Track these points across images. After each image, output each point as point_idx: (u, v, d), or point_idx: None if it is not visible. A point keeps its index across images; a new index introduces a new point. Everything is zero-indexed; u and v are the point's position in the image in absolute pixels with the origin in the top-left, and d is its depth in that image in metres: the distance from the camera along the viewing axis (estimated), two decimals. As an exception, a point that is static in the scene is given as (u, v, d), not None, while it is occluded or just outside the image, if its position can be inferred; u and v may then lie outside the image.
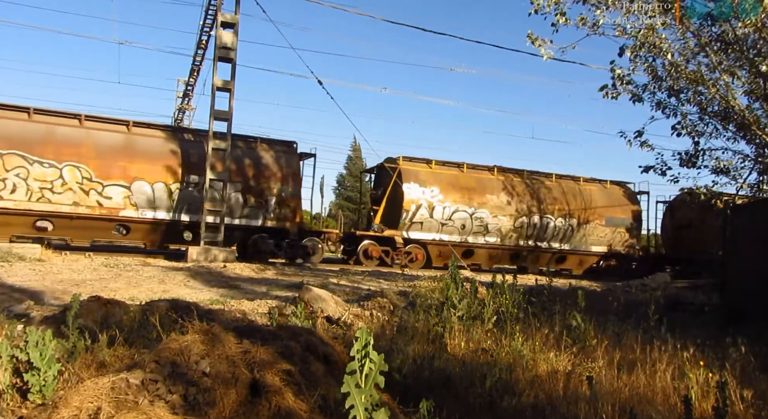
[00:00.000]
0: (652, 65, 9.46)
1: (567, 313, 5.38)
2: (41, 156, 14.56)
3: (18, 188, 14.31)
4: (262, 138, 18.09)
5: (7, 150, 14.27)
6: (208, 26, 20.15)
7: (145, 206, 15.58)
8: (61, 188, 14.68)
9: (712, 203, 11.17)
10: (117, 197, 15.32)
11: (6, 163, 14.24)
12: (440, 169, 19.55)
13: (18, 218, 14.48)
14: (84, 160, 14.93)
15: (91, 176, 14.98)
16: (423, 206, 18.56)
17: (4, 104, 15.08)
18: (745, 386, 3.84)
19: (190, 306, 5.29)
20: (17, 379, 2.90)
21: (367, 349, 1.94)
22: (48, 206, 14.59)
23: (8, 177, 14.23)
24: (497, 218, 19.47)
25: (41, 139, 14.72)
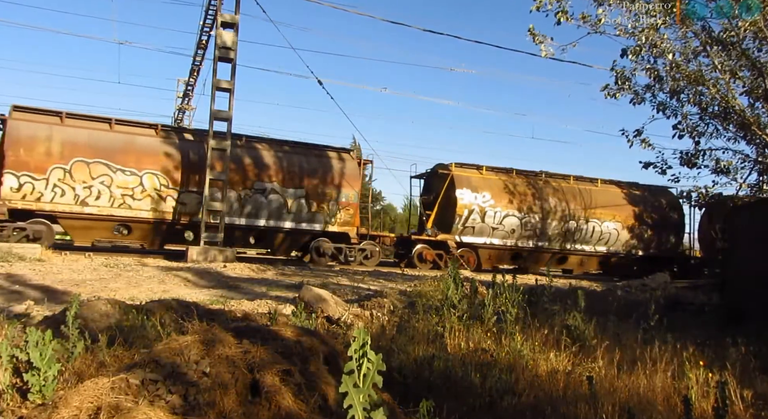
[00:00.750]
0: (654, 66, 9.47)
1: (567, 313, 5.38)
2: (123, 165, 15.43)
3: (102, 195, 15.20)
4: (323, 145, 18.88)
5: (93, 159, 15.11)
6: (208, 26, 20.15)
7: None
8: (141, 195, 15.59)
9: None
10: (191, 204, 16.14)
11: (92, 171, 15.10)
12: (490, 175, 20.11)
13: (101, 223, 15.42)
14: (163, 168, 15.82)
15: (168, 183, 15.85)
16: (475, 211, 19.21)
17: (88, 115, 16.03)
18: (745, 386, 3.84)
19: (190, 306, 5.30)
20: (17, 379, 2.90)
21: (365, 349, 1.94)
22: (128, 212, 15.52)
23: (93, 184, 15.12)
24: (546, 223, 20.01)
25: (122, 148, 15.59)
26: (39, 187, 14.57)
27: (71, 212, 14.97)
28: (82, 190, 15.02)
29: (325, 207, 17.66)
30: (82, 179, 15.03)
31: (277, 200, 16.99)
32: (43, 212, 14.63)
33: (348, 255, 17.81)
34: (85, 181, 15.04)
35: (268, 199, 16.85)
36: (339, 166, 18.24)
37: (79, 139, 15.23)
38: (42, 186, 14.59)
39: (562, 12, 8.60)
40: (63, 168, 14.82)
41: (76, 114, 15.84)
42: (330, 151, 18.71)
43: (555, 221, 20.09)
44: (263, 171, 16.99)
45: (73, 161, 14.93)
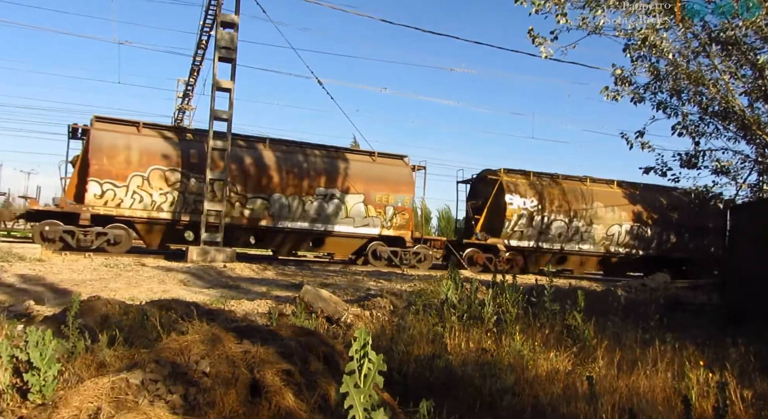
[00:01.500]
0: (654, 65, 9.46)
1: (567, 313, 5.38)
2: (197, 172, 16.09)
3: (176, 201, 15.94)
4: (379, 152, 19.26)
5: (168, 167, 15.88)
6: (208, 26, 20.11)
7: (282, 215, 17.09)
8: (213, 200, 16.13)
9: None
10: (258, 209, 16.78)
11: (168, 178, 15.79)
12: (537, 180, 20.54)
13: (174, 229, 16.23)
14: (232, 174, 16.39)
15: (237, 189, 16.55)
16: (524, 216, 19.69)
17: (162, 125, 17.19)
18: (745, 386, 3.84)
19: (190, 306, 5.30)
20: (17, 379, 2.90)
21: (365, 349, 1.94)
22: (200, 218, 15.95)
23: (169, 191, 15.80)
24: (591, 227, 20.49)
25: (196, 157, 16.22)
26: (119, 194, 15.30)
27: (148, 217, 15.68)
28: (159, 196, 15.70)
29: (381, 212, 18.29)
30: (159, 186, 15.72)
31: (337, 205, 17.66)
32: (122, 218, 15.35)
33: (403, 258, 18.25)
34: (161, 188, 15.74)
35: (329, 204, 17.55)
36: (394, 171, 18.95)
37: (155, 148, 15.96)
38: (122, 193, 15.32)
39: (562, 15, 8.59)
40: (141, 176, 15.53)
41: (152, 124, 16.71)
42: (385, 157, 19.34)
43: (599, 225, 20.63)
44: (325, 177, 17.66)
45: (150, 169, 15.63)
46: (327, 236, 17.74)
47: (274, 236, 17.31)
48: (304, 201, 17.19)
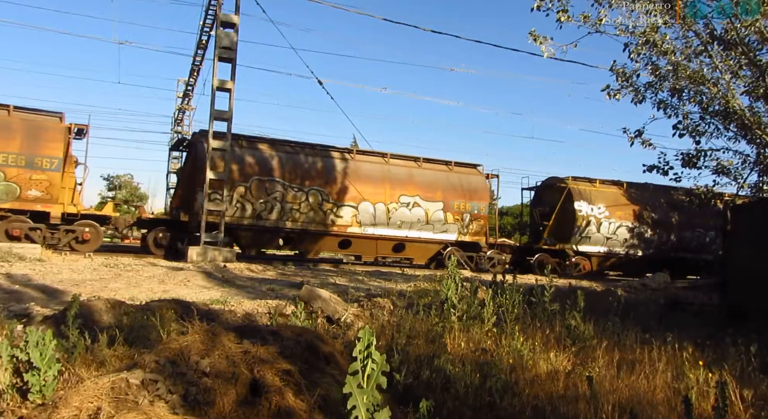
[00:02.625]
0: (655, 64, 9.46)
1: (567, 313, 5.38)
2: (293, 181, 17.28)
3: (275, 209, 17.08)
4: (455, 161, 20.20)
5: (268, 177, 16.97)
6: (208, 26, 20.13)
7: (368, 223, 18.01)
8: (306, 209, 17.36)
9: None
10: (347, 216, 17.73)
11: (267, 188, 16.95)
12: (603, 187, 21.26)
13: (270, 236, 17.36)
14: (323, 184, 17.53)
15: (328, 198, 17.52)
16: (592, 222, 20.52)
17: (257, 137, 18.24)
18: (744, 386, 3.84)
19: (190, 306, 5.30)
20: (17, 379, 2.89)
21: (369, 350, 1.94)
22: (295, 225, 17.27)
23: (268, 200, 16.87)
24: (653, 232, 21.31)
25: (291, 168, 17.45)
26: (225, 203, 16.21)
27: (248, 224, 16.74)
28: (259, 205, 16.75)
29: (459, 218, 19.19)
30: (259, 195, 16.74)
31: (419, 212, 18.63)
32: (226, 225, 16.20)
33: (479, 263, 19.11)
34: (261, 197, 16.75)
35: (411, 211, 18.52)
36: (470, 180, 19.91)
37: (256, 160, 17.09)
38: (228, 202, 16.31)
39: (563, 11, 8.59)
40: (245, 186, 16.61)
41: (249, 136, 17.97)
42: (461, 166, 20.25)
43: (662, 230, 21.32)
44: (407, 185, 18.68)
45: (253, 180, 16.71)
46: (408, 241, 18.74)
47: (360, 242, 18.29)
48: (389, 209, 18.21)
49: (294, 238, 17.55)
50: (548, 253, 20.07)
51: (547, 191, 21.62)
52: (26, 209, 14.61)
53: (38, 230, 14.70)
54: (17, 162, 14.44)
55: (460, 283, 5.52)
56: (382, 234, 18.23)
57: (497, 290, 5.92)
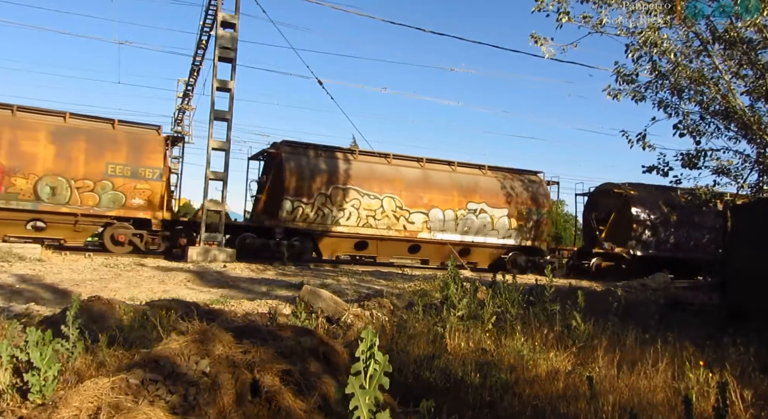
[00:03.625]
0: (656, 62, 9.45)
1: (567, 313, 5.38)
2: (369, 189, 17.99)
3: (351, 216, 17.81)
4: (516, 169, 21.05)
5: (346, 185, 17.78)
6: (208, 26, 20.12)
7: (438, 229, 18.76)
8: (381, 215, 18.13)
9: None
10: (418, 222, 18.47)
11: (346, 196, 17.70)
12: (659, 192, 21.58)
13: (346, 241, 18.13)
14: (397, 192, 18.29)
15: (402, 205, 18.23)
16: (647, 227, 21.06)
17: (336, 147, 19.04)
18: (744, 386, 3.83)
19: (190, 306, 5.30)
20: (17, 379, 2.89)
21: (372, 350, 1.93)
22: (370, 230, 18.10)
23: (346, 207, 17.73)
24: (703, 237, 21.70)
25: (367, 176, 18.26)
26: (306, 210, 17.31)
27: (326, 230, 17.69)
28: (338, 212, 17.62)
29: (522, 224, 19.94)
30: (338, 203, 17.59)
31: (485, 218, 19.38)
32: (305, 231, 17.37)
33: (541, 267, 19.30)
34: (340, 205, 17.62)
35: (477, 217, 19.33)
36: (531, 186, 20.62)
37: (334, 169, 17.91)
38: (309, 209, 17.33)
39: (564, 13, 8.60)
40: (324, 194, 17.49)
41: (329, 147, 18.79)
42: (524, 173, 21.00)
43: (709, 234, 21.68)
44: (474, 192, 19.45)
45: (332, 188, 17.56)
46: (474, 246, 19.53)
47: (429, 247, 19.01)
48: (457, 215, 19.01)
49: (368, 243, 18.39)
50: (604, 257, 20.59)
51: (603, 197, 22.13)
52: (130, 217, 15.67)
53: (141, 235, 15.70)
54: (123, 172, 15.55)
55: (460, 283, 5.52)
56: (450, 239, 18.94)
57: (497, 291, 5.92)
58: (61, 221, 15.20)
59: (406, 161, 19.33)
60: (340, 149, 19.08)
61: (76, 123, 15.66)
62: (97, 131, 15.74)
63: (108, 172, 15.36)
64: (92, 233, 16.19)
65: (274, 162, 17.86)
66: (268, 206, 17.71)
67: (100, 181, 15.27)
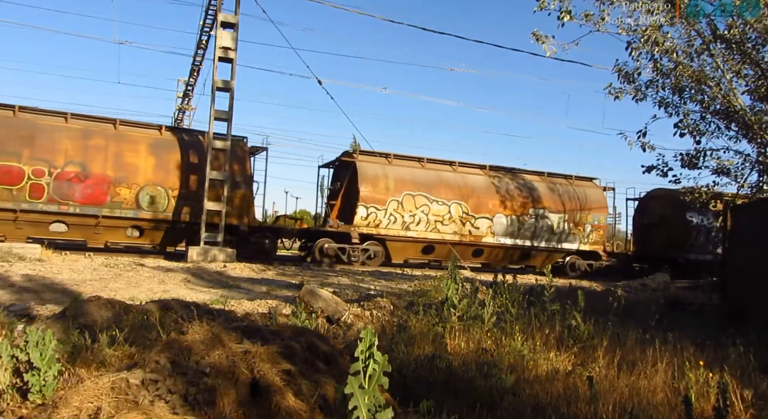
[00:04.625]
0: (657, 61, 9.44)
1: (567, 313, 5.38)
2: (438, 196, 18.74)
3: (421, 221, 18.57)
4: (575, 175, 21.61)
5: (417, 192, 18.54)
6: (208, 26, 20.15)
7: (501, 233, 19.56)
8: (448, 221, 18.85)
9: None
10: (482, 227, 19.21)
11: (416, 202, 18.41)
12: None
13: (414, 245, 18.89)
14: (463, 198, 19.00)
15: (468, 210, 19.00)
16: (702, 231, 21.36)
17: (407, 156, 19.63)
18: (745, 386, 3.83)
19: (190, 306, 5.30)
20: (17, 379, 2.89)
21: (371, 350, 1.94)
22: (438, 235, 18.79)
23: (416, 213, 18.46)
24: None
25: (435, 182, 19.00)
26: (380, 216, 18.12)
27: (398, 235, 18.46)
28: (408, 217, 18.38)
29: (581, 229, 20.74)
30: (409, 209, 18.34)
31: (546, 223, 20.18)
32: (378, 236, 18.12)
33: (598, 270, 20.36)
34: (410, 210, 18.39)
35: (539, 222, 20.12)
36: (588, 192, 21.32)
37: (404, 176, 18.72)
38: (382, 215, 18.12)
39: (566, 11, 8.60)
40: (396, 200, 18.25)
41: (400, 155, 19.44)
42: (580, 179, 21.66)
43: None
44: (536, 198, 20.16)
45: (403, 194, 18.32)
46: (534, 250, 20.30)
47: (492, 251, 19.88)
48: (520, 220, 19.72)
49: (435, 247, 19.07)
50: (657, 261, 20.86)
51: (653, 203, 22.30)
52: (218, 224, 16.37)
53: (232, 241, 16.54)
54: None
55: (461, 283, 5.52)
56: (513, 244, 19.84)
57: (497, 291, 5.92)
58: (157, 227, 16.24)
59: (470, 168, 20.21)
60: (410, 157, 19.71)
61: (170, 136, 16.79)
62: (189, 144, 16.79)
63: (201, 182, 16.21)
64: (183, 238, 16.97)
65: (348, 170, 18.68)
66: (342, 212, 18.63)
67: (196, 191, 16.23)
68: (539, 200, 20.12)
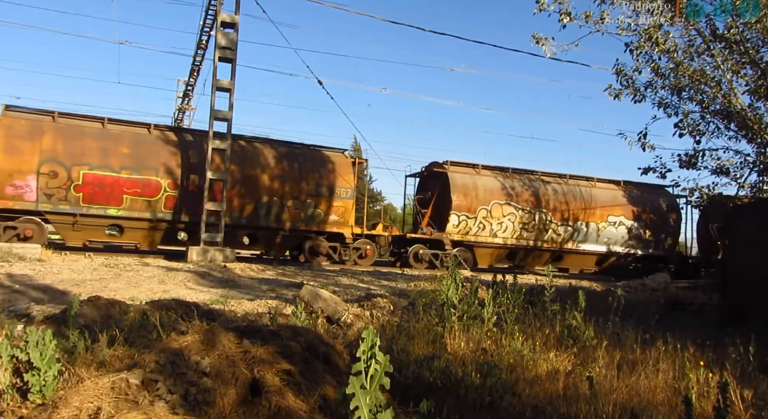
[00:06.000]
0: (656, 62, 9.44)
1: (567, 313, 5.38)
2: (523, 204, 19.77)
3: (507, 229, 19.63)
4: (648, 183, 21.37)
5: (504, 201, 19.46)
6: (208, 26, 20.14)
7: (580, 240, 20.60)
8: (532, 228, 19.85)
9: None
10: (564, 234, 20.41)
11: (503, 210, 19.43)
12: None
13: (499, 250, 19.92)
14: (546, 206, 20.06)
15: (550, 218, 20.04)
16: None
17: (496, 166, 20.51)
18: (744, 386, 3.83)
19: (190, 306, 5.30)
20: (17, 379, 2.89)
21: (373, 350, 1.93)
22: (522, 242, 19.79)
23: (503, 221, 19.44)
24: None
25: (519, 191, 19.94)
26: (470, 223, 19.13)
27: (485, 242, 19.43)
28: (496, 225, 19.38)
29: (653, 235, 21.43)
30: (497, 216, 19.35)
31: (622, 230, 21.00)
32: (467, 243, 19.19)
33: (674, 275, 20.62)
34: (498, 218, 19.38)
35: (616, 229, 21.00)
36: (660, 199, 22.08)
37: (492, 185, 19.70)
38: (472, 223, 19.15)
39: (566, 13, 8.60)
40: (485, 209, 19.22)
41: (487, 165, 20.27)
42: (653, 187, 22.13)
43: None
44: (613, 206, 20.97)
45: (492, 203, 19.29)
46: (612, 255, 21.14)
47: (571, 257, 20.86)
48: (599, 227, 20.67)
49: (519, 253, 20.10)
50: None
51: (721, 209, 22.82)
52: (326, 231, 17.82)
53: (336, 248, 17.76)
54: (323, 192, 17.78)
55: (461, 283, 5.51)
56: (592, 250, 20.80)
57: (498, 291, 5.91)
58: (270, 235, 17.42)
59: (551, 177, 21.14)
60: (496, 168, 20.58)
61: (284, 150, 17.93)
62: (301, 156, 18.01)
63: (311, 192, 17.52)
64: (292, 245, 18.11)
65: (438, 180, 19.71)
66: (432, 219, 19.58)
67: (305, 200, 17.46)
68: (617, 207, 20.97)
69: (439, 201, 19.51)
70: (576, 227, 20.38)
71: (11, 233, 14.43)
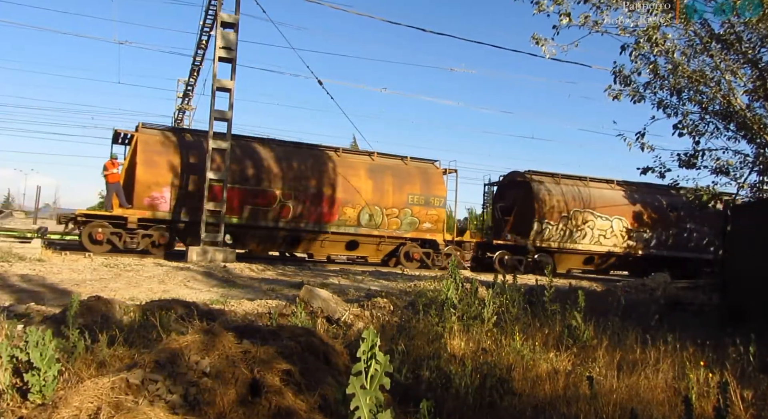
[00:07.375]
0: (655, 63, 9.44)
1: (567, 313, 5.38)
2: (602, 212, 20.42)
3: (586, 236, 20.27)
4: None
5: (583, 209, 20.18)
6: (208, 26, 20.14)
7: (654, 245, 21.05)
8: (610, 235, 20.46)
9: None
10: (639, 240, 20.75)
11: (583, 218, 20.12)
12: None
13: (578, 256, 20.64)
14: (624, 213, 20.65)
15: (628, 225, 20.62)
16: None
17: (572, 175, 21.10)
18: (744, 386, 3.84)
19: (190, 306, 5.30)
20: (17, 379, 2.89)
21: (373, 350, 1.93)
22: (600, 248, 20.55)
23: (584, 228, 20.17)
24: None
25: (598, 199, 20.66)
26: (551, 230, 19.83)
27: (566, 247, 20.25)
28: (576, 232, 20.12)
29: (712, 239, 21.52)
30: (577, 223, 20.00)
31: (691, 236, 21.55)
32: (548, 249, 19.88)
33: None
34: (578, 225, 20.05)
35: (686, 235, 21.59)
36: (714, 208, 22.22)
37: (572, 193, 20.36)
38: (553, 230, 19.87)
39: (565, 14, 8.60)
40: (566, 216, 19.87)
41: (566, 175, 20.93)
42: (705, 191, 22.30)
43: None
44: (683, 213, 21.32)
45: (573, 211, 20.00)
46: (682, 260, 21.37)
47: (639, 262, 21.18)
48: (671, 233, 21.38)
49: (594, 259, 20.84)
50: None
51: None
52: (420, 238, 18.60)
53: (429, 253, 18.49)
54: (419, 201, 18.64)
55: (461, 283, 5.51)
56: (663, 255, 21.26)
57: (498, 291, 5.92)
58: (370, 241, 18.28)
59: (626, 185, 21.72)
60: (574, 177, 21.22)
61: (382, 161, 18.76)
62: (397, 167, 18.79)
63: (408, 201, 18.43)
64: (388, 251, 18.73)
65: (519, 188, 20.61)
66: (514, 226, 20.37)
67: (403, 209, 18.39)
68: (687, 214, 21.39)
69: (522, 209, 20.38)
70: (651, 232, 20.97)
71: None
